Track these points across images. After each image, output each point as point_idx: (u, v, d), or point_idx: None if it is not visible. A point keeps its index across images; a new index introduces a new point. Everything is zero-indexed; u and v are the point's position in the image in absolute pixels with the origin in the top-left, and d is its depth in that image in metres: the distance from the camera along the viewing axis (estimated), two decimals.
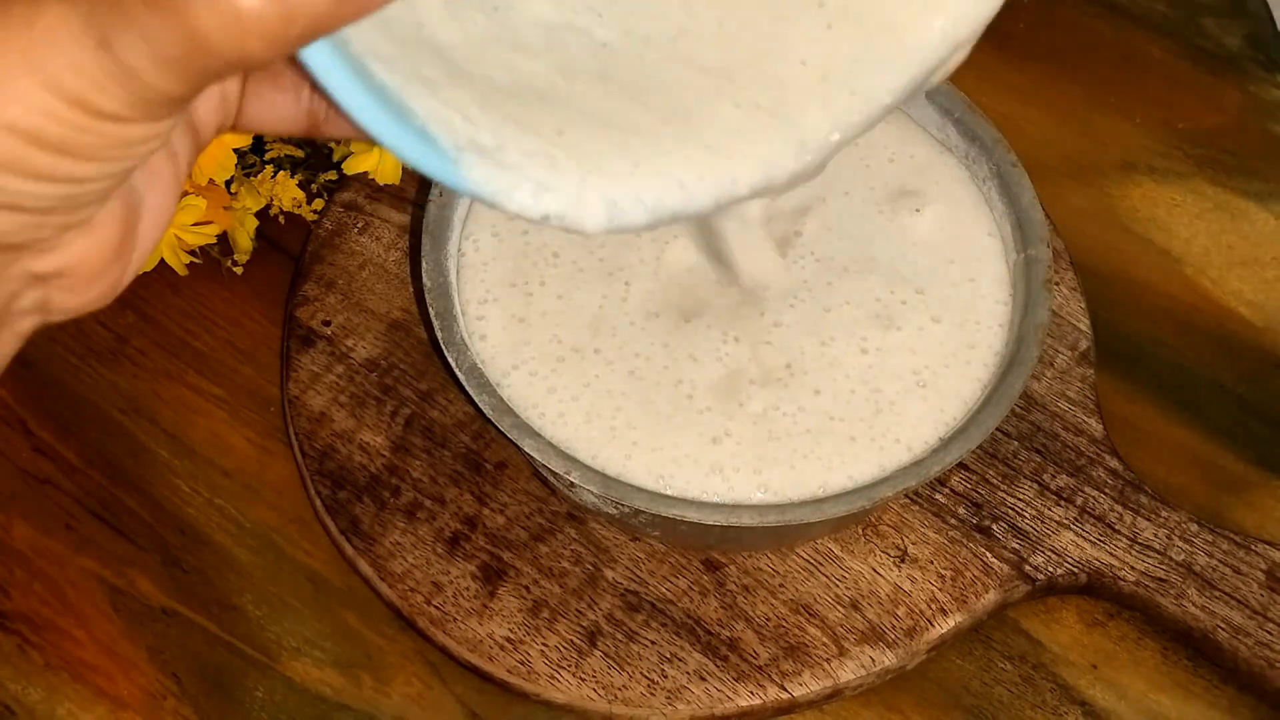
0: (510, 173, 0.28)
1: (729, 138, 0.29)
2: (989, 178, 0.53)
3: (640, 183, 0.29)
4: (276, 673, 0.52)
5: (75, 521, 0.55)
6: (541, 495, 0.54)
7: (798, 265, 0.52)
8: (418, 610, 0.52)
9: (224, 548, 0.55)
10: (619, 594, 0.52)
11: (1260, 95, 0.67)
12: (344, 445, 0.55)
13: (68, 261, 0.27)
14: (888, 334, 0.50)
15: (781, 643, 0.51)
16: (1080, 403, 0.56)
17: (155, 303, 0.60)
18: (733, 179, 0.29)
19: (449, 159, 0.27)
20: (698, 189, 0.29)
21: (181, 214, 0.54)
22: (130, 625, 0.53)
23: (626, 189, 0.29)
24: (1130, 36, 0.69)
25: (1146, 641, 0.53)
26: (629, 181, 0.29)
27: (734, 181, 0.30)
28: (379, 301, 0.58)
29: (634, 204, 0.29)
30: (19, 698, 0.51)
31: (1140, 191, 0.64)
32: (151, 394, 0.58)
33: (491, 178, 0.27)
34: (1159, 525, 0.53)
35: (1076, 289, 0.59)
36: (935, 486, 0.54)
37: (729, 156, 0.29)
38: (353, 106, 0.25)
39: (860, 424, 0.48)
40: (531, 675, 0.50)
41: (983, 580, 0.52)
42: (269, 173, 0.59)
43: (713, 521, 0.46)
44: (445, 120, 0.27)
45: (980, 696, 0.52)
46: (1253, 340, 0.60)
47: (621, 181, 0.28)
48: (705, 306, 0.51)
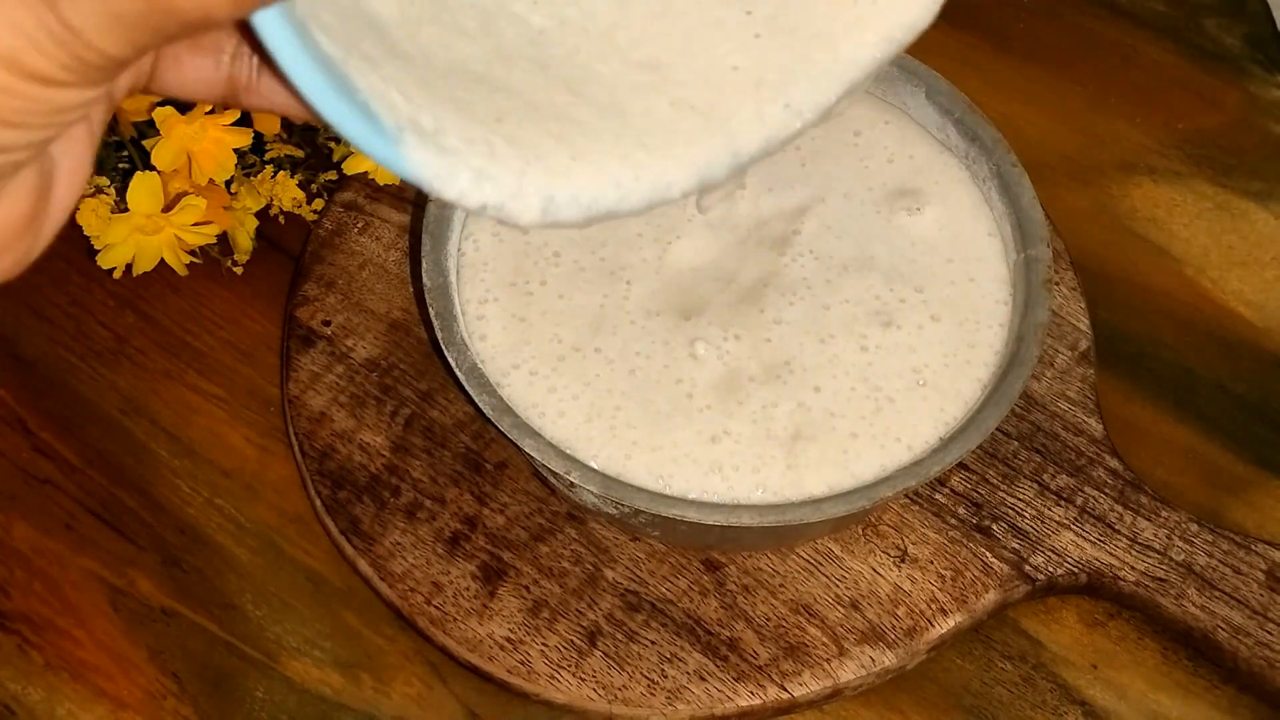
0: (450, 157, 0.27)
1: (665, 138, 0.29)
2: (989, 178, 0.53)
3: (578, 180, 0.28)
4: (276, 673, 0.52)
5: (75, 521, 0.55)
6: (541, 495, 0.54)
7: (797, 263, 0.52)
8: (418, 610, 0.52)
9: (224, 548, 0.55)
10: (619, 594, 0.52)
11: (1260, 95, 0.67)
12: (344, 445, 0.55)
13: None
14: (887, 332, 0.50)
15: (781, 643, 0.51)
16: (1080, 403, 0.56)
17: (155, 303, 0.60)
18: (668, 183, 0.29)
19: (390, 139, 0.26)
20: (633, 190, 0.29)
21: (181, 214, 0.54)
22: (130, 625, 0.53)
23: (563, 185, 0.28)
24: (1130, 36, 0.69)
25: (1146, 641, 0.53)
26: (567, 178, 0.28)
27: (669, 185, 0.29)
28: (379, 301, 0.58)
29: (569, 201, 0.28)
30: (19, 698, 0.51)
31: (1140, 191, 0.64)
32: (151, 394, 0.58)
33: (430, 161, 0.27)
34: (1159, 525, 0.53)
35: (1076, 289, 0.59)
36: (935, 486, 0.54)
37: (665, 158, 0.29)
38: (299, 76, 0.24)
39: (861, 422, 0.49)
40: (531, 675, 0.50)
41: (983, 580, 0.52)
42: (269, 173, 0.59)
43: (713, 521, 0.46)
44: (386, 98, 0.26)
45: (980, 696, 0.52)
46: (1253, 340, 0.60)
47: (559, 177, 0.28)
48: (706, 304, 0.51)
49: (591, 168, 0.28)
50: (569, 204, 0.28)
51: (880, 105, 0.55)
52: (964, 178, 0.54)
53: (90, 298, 0.60)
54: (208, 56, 0.28)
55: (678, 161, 0.29)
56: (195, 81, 0.28)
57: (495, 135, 0.27)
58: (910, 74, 0.54)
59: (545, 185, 0.28)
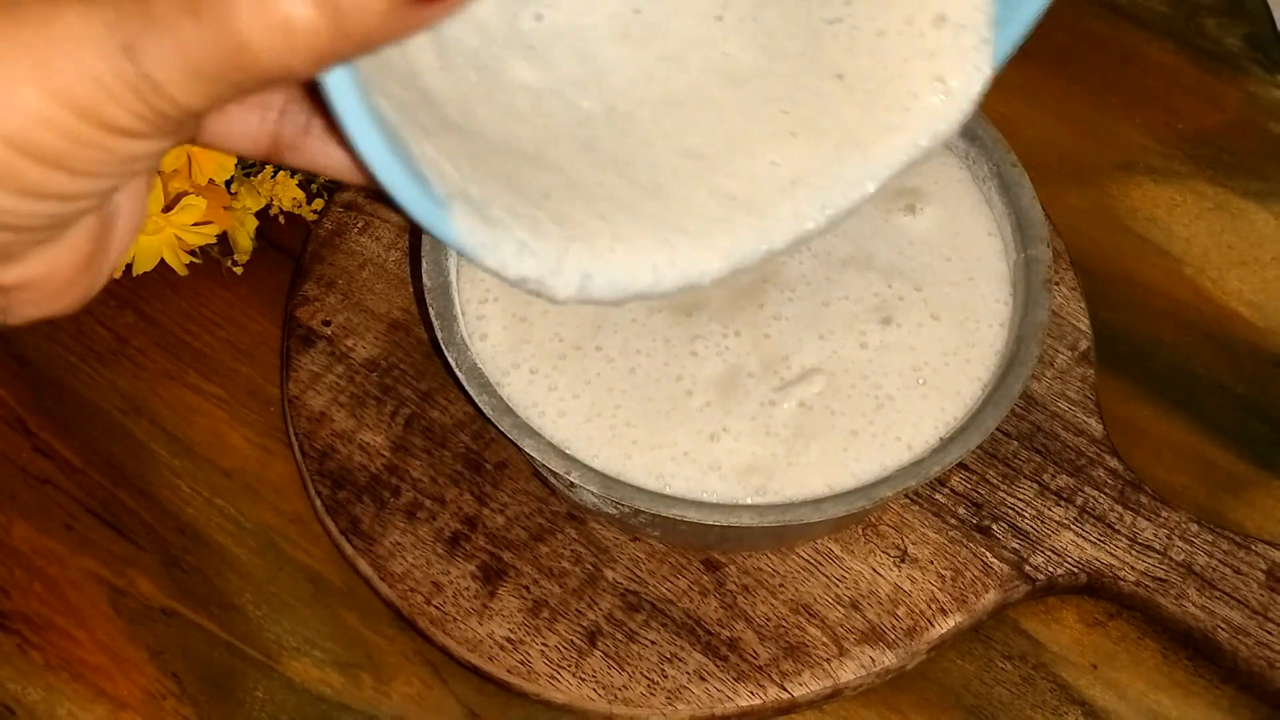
0: (495, 229, 0.27)
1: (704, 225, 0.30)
2: (989, 178, 0.53)
3: (616, 261, 0.29)
4: (276, 673, 0.52)
5: (75, 521, 0.55)
6: (541, 495, 0.54)
7: (795, 259, 0.52)
8: (418, 610, 0.52)
9: (224, 548, 0.55)
10: (619, 594, 0.52)
11: (1260, 95, 0.67)
12: (344, 445, 0.55)
13: (35, 274, 0.25)
14: (887, 330, 0.50)
15: (781, 643, 0.51)
16: (1080, 403, 0.56)
17: (155, 303, 0.60)
18: (701, 271, 0.30)
19: (439, 205, 0.26)
20: (667, 275, 0.30)
21: (181, 214, 0.54)
22: (130, 625, 0.53)
23: (602, 266, 0.29)
24: (1130, 36, 0.69)
25: (1146, 641, 0.53)
26: (607, 258, 0.29)
27: (701, 273, 0.30)
28: (379, 301, 0.58)
29: (606, 283, 0.29)
30: (19, 698, 0.51)
31: (1140, 191, 0.64)
32: (151, 394, 0.58)
33: (475, 229, 0.27)
34: (1159, 525, 0.53)
35: (1076, 289, 0.59)
36: (935, 486, 0.54)
37: (703, 247, 0.30)
38: (359, 135, 0.25)
39: (861, 419, 0.49)
40: (531, 675, 0.50)
41: (983, 580, 0.52)
42: (269, 173, 0.59)
43: (713, 521, 0.46)
44: (438, 166, 0.27)
45: (980, 696, 0.52)
46: (1253, 340, 0.60)
47: (599, 257, 0.29)
48: (706, 300, 0.51)
49: (631, 250, 0.29)
50: (605, 285, 0.29)
51: None
52: (964, 177, 0.54)
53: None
54: (255, 112, 0.28)
55: (714, 250, 0.30)
56: (241, 136, 0.28)
57: (541, 211, 0.28)
58: None
59: (585, 264, 0.29)
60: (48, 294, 0.26)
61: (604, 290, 0.29)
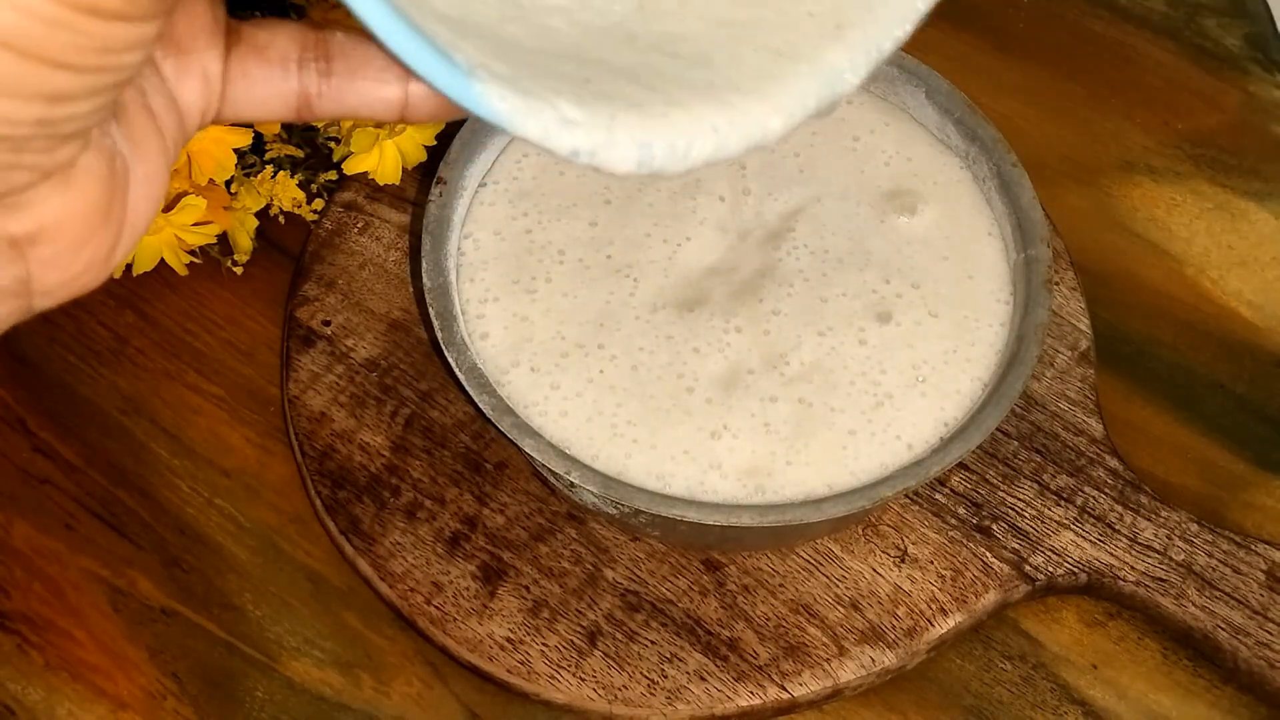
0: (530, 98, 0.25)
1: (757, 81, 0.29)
2: (989, 178, 0.53)
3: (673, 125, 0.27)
4: (276, 673, 0.52)
5: (75, 521, 0.55)
6: (541, 495, 0.54)
7: (791, 256, 0.52)
8: (418, 610, 0.52)
9: (224, 548, 0.55)
10: (619, 594, 0.52)
11: (1260, 95, 0.67)
12: (344, 445, 0.55)
13: (46, 220, 0.25)
14: (885, 327, 0.50)
15: (781, 643, 0.51)
16: (1080, 403, 0.56)
17: (155, 303, 0.60)
18: (762, 127, 0.28)
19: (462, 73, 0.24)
20: (729, 135, 0.28)
21: (181, 214, 0.54)
22: (130, 625, 0.53)
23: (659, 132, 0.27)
24: (1130, 36, 0.69)
25: (1146, 641, 0.53)
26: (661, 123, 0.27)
27: (764, 131, 0.28)
28: (379, 301, 0.58)
29: (666, 149, 0.27)
30: (19, 698, 0.51)
31: (1140, 191, 0.64)
32: (151, 394, 0.58)
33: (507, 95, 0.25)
34: (1159, 525, 0.53)
35: (1076, 289, 0.59)
36: (935, 486, 0.54)
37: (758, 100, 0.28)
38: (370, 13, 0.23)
39: (860, 416, 0.49)
40: (531, 675, 0.50)
41: (983, 580, 0.52)
42: (269, 173, 0.59)
43: (713, 521, 0.46)
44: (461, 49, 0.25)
45: (980, 696, 0.52)
46: (1253, 340, 0.60)
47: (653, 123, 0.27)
48: (708, 296, 0.51)
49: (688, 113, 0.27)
50: (666, 152, 0.27)
51: (880, 105, 0.55)
52: (964, 177, 0.54)
53: (90, 298, 0.60)
54: (275, 66, 0.28)
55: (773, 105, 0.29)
56: (266, 96, 0.28)
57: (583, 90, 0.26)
58: (910, 74, 0.54)
59: (639, 132, 0.27)
60: (64, 249, 0.25)
61: (666, 157, 0.27)
